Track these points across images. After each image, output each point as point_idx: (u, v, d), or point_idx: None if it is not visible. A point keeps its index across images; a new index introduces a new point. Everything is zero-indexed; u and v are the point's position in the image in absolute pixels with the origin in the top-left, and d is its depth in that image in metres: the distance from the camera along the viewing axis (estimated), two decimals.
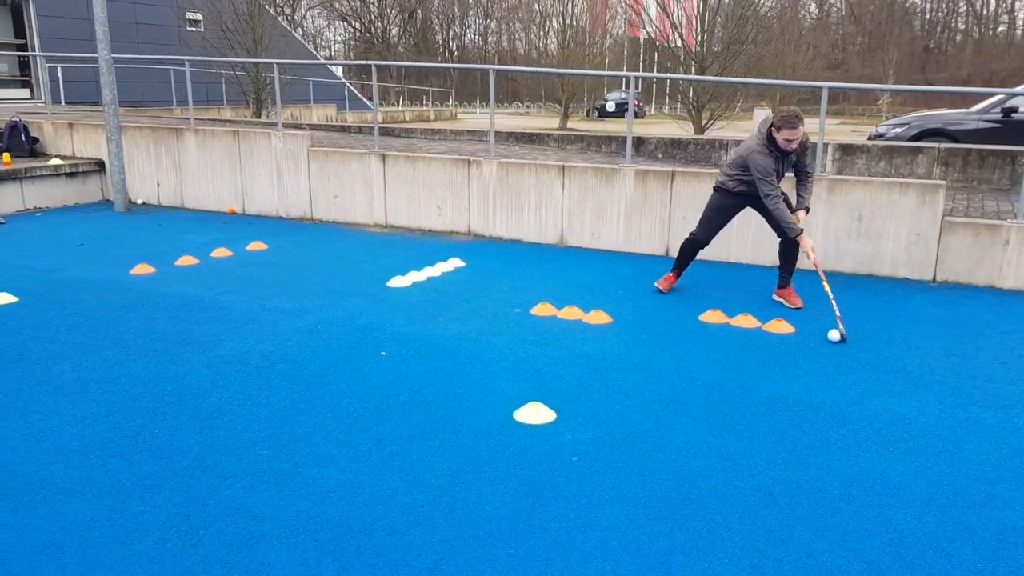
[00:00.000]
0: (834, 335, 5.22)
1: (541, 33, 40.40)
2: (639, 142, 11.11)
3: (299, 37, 30.53)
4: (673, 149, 11.02)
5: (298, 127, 13.57)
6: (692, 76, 10.70)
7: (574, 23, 29.45)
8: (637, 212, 7.80)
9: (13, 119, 11.55)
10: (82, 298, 6.08)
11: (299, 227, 9.27)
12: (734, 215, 6.22)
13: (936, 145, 10.00)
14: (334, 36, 70.76)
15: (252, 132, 9.95)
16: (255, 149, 9.85)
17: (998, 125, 11.11)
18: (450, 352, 4.93)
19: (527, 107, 55.68)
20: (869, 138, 13.12)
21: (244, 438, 3.70)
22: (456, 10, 74.01)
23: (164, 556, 2.77)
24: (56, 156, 11.35)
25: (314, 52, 31.60)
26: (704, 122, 14.31)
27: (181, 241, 8.36)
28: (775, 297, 6.17)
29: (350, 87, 30.08)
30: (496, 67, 10.86)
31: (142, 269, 6.99)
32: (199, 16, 24.83)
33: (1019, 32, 64.14)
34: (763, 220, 5.99)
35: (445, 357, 4.84)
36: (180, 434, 3.73)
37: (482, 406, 4.10)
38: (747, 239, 7.37)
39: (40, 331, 5.27)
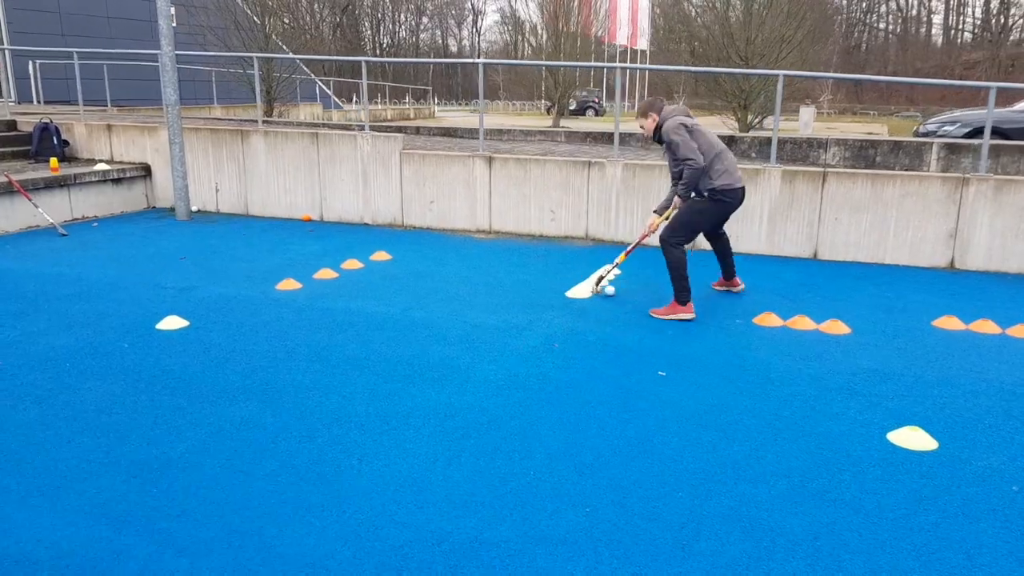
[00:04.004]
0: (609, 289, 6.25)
1: (474, 30, 40.05)
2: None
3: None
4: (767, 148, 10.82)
5: (289, 124, 12.87)
6: (842, 75, 10.61)
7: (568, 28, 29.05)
8: (782, 214, 7.60)
9: (43, 120, 10.70)
10: (261, 319, 5.55)
11: (398, 234, 8.78)
12: None
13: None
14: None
15: (333, 134, 9.39)
16: (337, 152, 9.30)
17: None
18: (726, 370, 4.62)
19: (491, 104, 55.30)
20: (915, 134, 13.29)
21: (624, 479, 3.31)
22: (388, 4, 72.99)
23: None
24: (101, 161, 10.55)
25: (285, 49, 30.52)
26: (750, 120, 14.28)
27: (288, 252, 7.81)
28: (717, 287, 6.43)
29: (321, 85, 29.21)
30: (625, 65, 10.50)
31: (288, 284, 6.46)
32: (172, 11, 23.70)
33: (937, 31, 66.89)
34: (919, 222, 6.36)
35: (731, 375, 4.53)
36: (555, 474, 3.34)
37: (848, 430, 3.82)
38: (904, 240, 7.25)
39: (255, 360, 4.74)
